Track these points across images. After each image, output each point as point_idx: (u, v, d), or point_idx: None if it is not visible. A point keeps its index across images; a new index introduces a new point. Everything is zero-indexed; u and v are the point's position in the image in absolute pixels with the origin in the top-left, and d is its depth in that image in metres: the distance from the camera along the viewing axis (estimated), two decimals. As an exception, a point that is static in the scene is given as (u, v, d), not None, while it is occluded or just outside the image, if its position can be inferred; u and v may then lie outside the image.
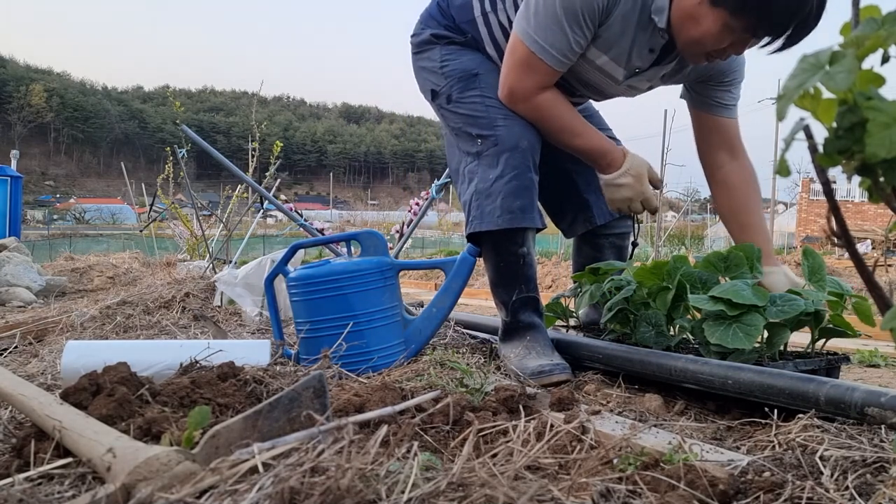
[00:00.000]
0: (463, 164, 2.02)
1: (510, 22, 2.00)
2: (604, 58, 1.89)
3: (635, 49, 1.86)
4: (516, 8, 1.98)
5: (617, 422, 1.30)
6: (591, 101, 2.23)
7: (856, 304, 1.65)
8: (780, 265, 1.94)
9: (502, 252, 1.94)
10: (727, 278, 1.72)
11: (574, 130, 1.95)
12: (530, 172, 1.92)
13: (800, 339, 1.78)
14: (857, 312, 1.65)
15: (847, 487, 0.90)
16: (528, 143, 1.93)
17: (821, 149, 0.74)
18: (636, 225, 2.26)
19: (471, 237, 1.99)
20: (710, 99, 2.08)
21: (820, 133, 0.74)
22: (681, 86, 2.14)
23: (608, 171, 1.95)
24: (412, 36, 2.21)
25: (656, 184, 1.99)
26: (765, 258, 1.84)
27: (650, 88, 2.08)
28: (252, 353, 1.77)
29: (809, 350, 1.69)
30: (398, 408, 1.03)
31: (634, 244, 2.27)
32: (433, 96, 2.13)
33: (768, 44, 1.73)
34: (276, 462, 0.86)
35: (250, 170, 6.85)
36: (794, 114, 0.73)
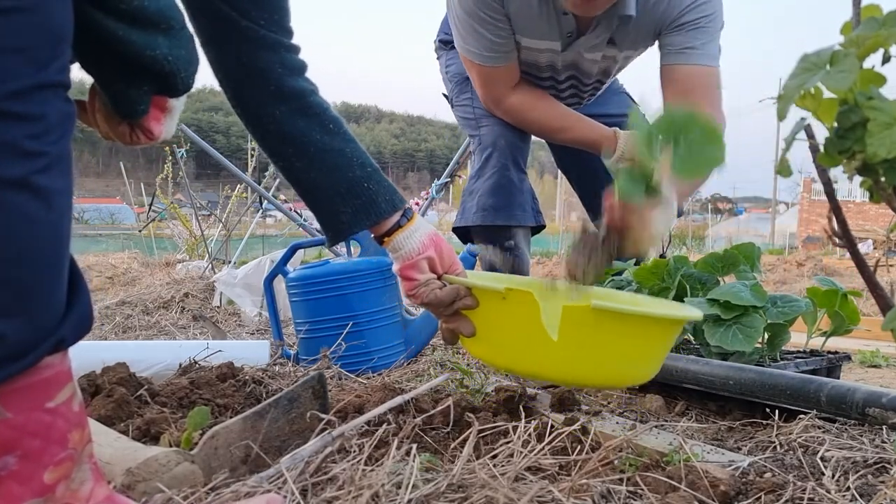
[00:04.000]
0: (472, 164, 2.11)
1: None
2: (532, 40, 1.89)
3: (552, 18, 1.83)
4: None
5: (618, 422, 1.30)
6: (597, 86, 2.17)
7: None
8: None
9: (490, 246, 1.99)
10: (725, 280, 1.72)
11: (557, 125, 1.98)
12: (509, 171, 1.96)
13: (800, 339, 1.78)
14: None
15: (848, 488, 0.90)
16: (507, 141, 1.98)
17: (822, 149, 0.74)
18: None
19: (462, 237, 2.06)
20: (670, 46, 1.84)
21: (821, 133, 0.74)
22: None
23: (605, 157, 1.98)
24: (434, 42, 2.30)
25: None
26: None
27: (615, 56, 1.97)
28: (251, 353, 1.77)
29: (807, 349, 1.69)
30: (397, 401, 1.03)
31: (662, 256, 2.19)
32: (447, 100, 2.21)
33: None
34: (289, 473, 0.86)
35: (249, 169, 6.86)
36: (795, 114, 0.72)
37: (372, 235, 1.16)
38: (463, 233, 2.06)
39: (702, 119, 1.13)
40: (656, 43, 1.93)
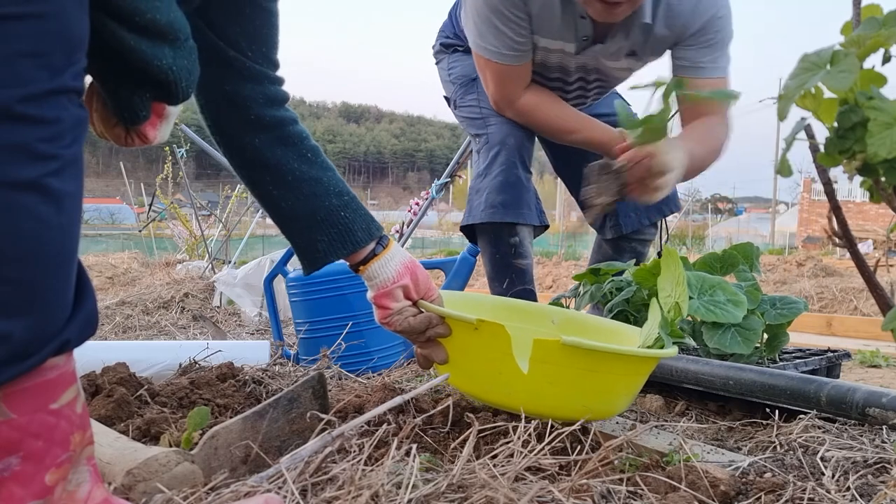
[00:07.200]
0: (476, 163, 2.10)
1: None
2: (547, 40, 1.90)
3: (570, 20, 1.84)
4: None
5: (618, 422, 1.30)
6: (598, 90, 2.18)
7: None
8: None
9: (495, 243, 2.01)
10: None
11: (566, 127, 1.99)
12: (517, 169, 1.97)
13: (798, 339, 1.78)
14: None
15: (848, 488, 0.90)
16: (515, 140, 1.99)
17: (822, 149, 0.74)
18: (665, 228, 2.28)
19: (469, 235, 2.05)
20: (684, 60, 1.89)
21: (821, 133, 0.74)
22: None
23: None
24: (433, 47, 2.30)
25: None
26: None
27: (630, 65, 2.00)
28: (251, 353, 1.77)
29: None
30: (397, 401, 1.03)
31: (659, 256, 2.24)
32: (448, 103, 2.24)
33: None
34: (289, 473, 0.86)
35: (250, 170, 6.83)
36: (796, 113, 0.72)
37: (347, 264, 1.17)
38: (469, 232, 2.07)
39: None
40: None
